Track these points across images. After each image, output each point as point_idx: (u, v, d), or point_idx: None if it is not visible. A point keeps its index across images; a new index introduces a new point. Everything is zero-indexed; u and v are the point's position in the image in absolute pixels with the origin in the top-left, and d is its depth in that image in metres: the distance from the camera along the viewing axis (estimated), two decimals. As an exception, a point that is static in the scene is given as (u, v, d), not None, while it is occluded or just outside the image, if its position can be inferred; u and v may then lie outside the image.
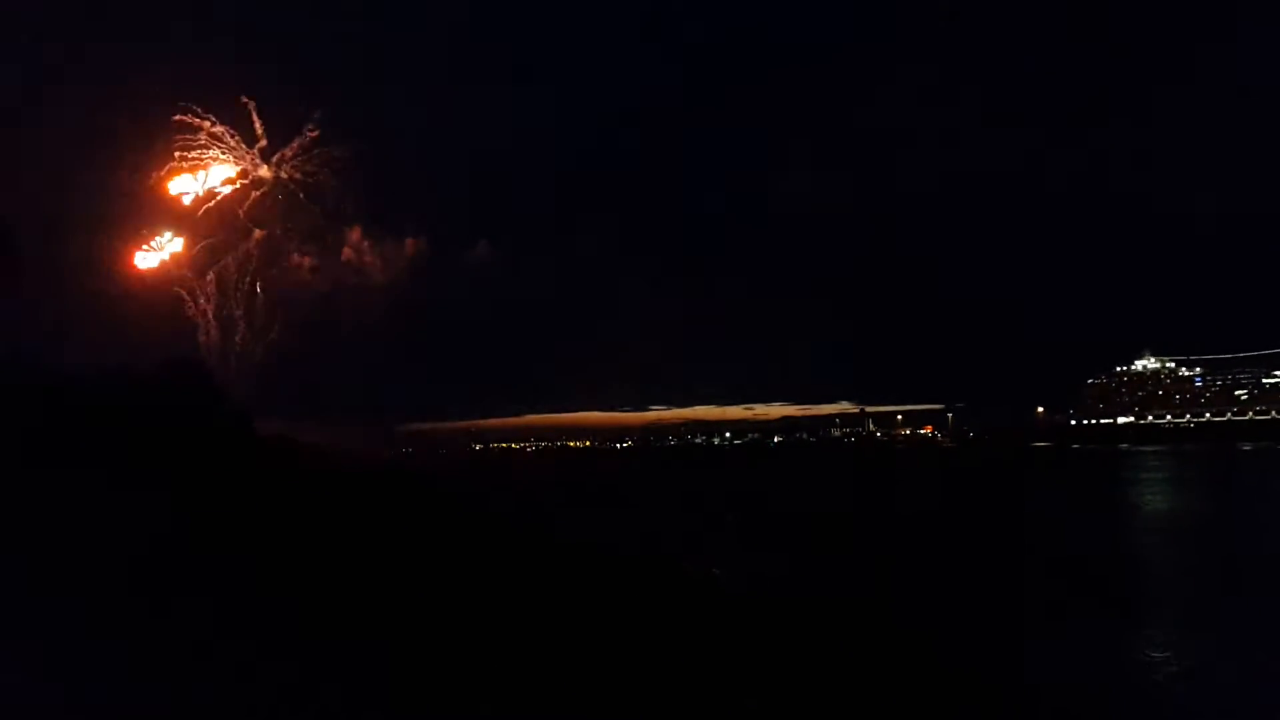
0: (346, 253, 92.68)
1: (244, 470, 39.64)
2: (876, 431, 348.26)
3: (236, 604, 20.91)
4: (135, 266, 78.68)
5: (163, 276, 79.50)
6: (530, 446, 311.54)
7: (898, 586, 36.99)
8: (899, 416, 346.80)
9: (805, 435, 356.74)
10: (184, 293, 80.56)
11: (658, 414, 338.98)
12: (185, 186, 77.99)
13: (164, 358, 53.40)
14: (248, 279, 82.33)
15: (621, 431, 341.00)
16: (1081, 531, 55.97)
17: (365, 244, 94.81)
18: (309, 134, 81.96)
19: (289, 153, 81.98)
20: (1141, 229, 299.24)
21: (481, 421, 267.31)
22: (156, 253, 78.25)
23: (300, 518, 33.40)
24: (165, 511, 27.40)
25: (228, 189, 79.48)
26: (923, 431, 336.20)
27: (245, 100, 79.76)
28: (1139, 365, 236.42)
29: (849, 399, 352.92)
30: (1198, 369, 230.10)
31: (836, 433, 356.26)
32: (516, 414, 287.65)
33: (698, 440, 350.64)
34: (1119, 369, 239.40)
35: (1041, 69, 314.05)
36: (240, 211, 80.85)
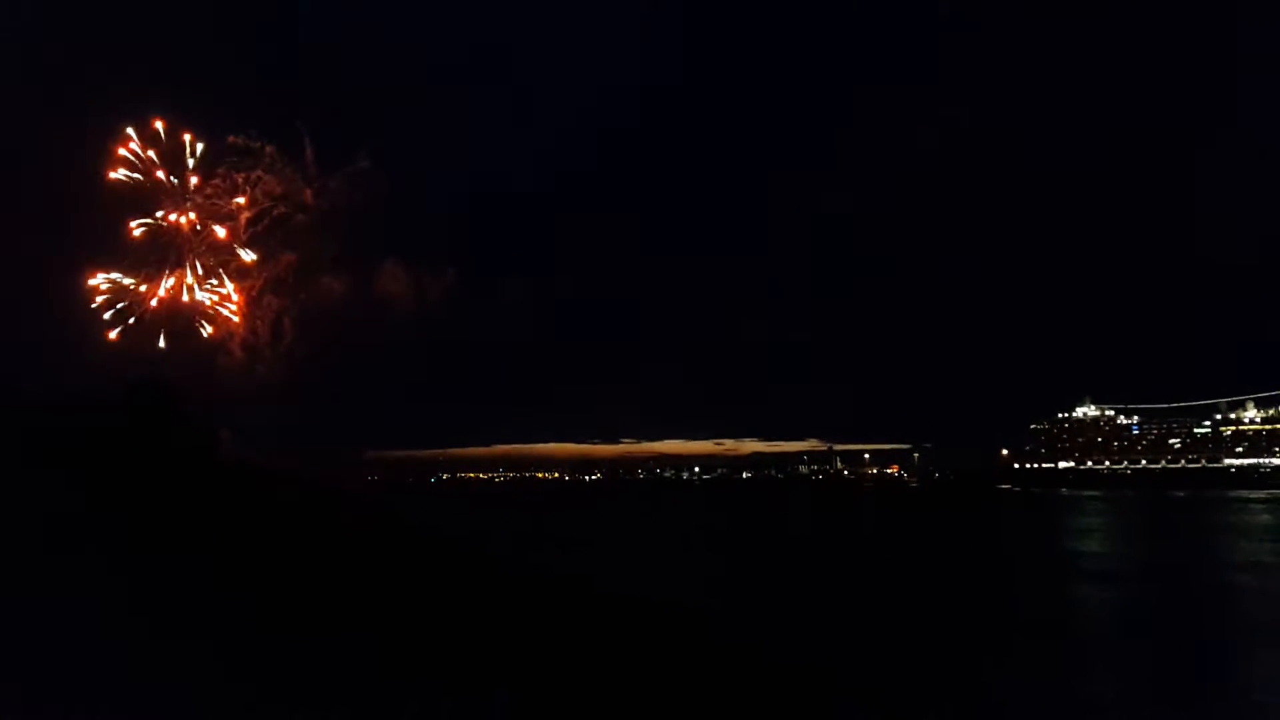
0: (381, 282, 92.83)
1: (199, 496, 39.00)
2: (844, 469, 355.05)
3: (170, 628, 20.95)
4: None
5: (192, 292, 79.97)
6: (499, 477, 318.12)
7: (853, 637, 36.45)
8: (866, 455, 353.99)
9: (774, 471, 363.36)
10: (212, 310, 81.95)
11: (627, 447, 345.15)
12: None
13: (131, 380, 56.54)
14: (276, 301, 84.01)
15: (591, 464, 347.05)
16: (1029, 580, 56.67)
17: (398, 273, 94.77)
18: (359, 163, 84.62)
19: (334, 180, 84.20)
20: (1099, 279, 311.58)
21: (450, 450, 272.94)
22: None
23: (248, 545, 32.63)
24: (105, 534, 27.45)
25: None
26: (889, 471, 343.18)
27: (299, 125, 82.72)
28: (1080, 412, 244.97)
29: (817, 436, 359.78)
30: (1135, 417, 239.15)
31: (804, 469, 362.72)
32: (486, 444, 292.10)
33: (667, 474, 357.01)
34: (1060, 415, 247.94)
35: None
36: (276, 234, 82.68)
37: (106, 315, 77.78)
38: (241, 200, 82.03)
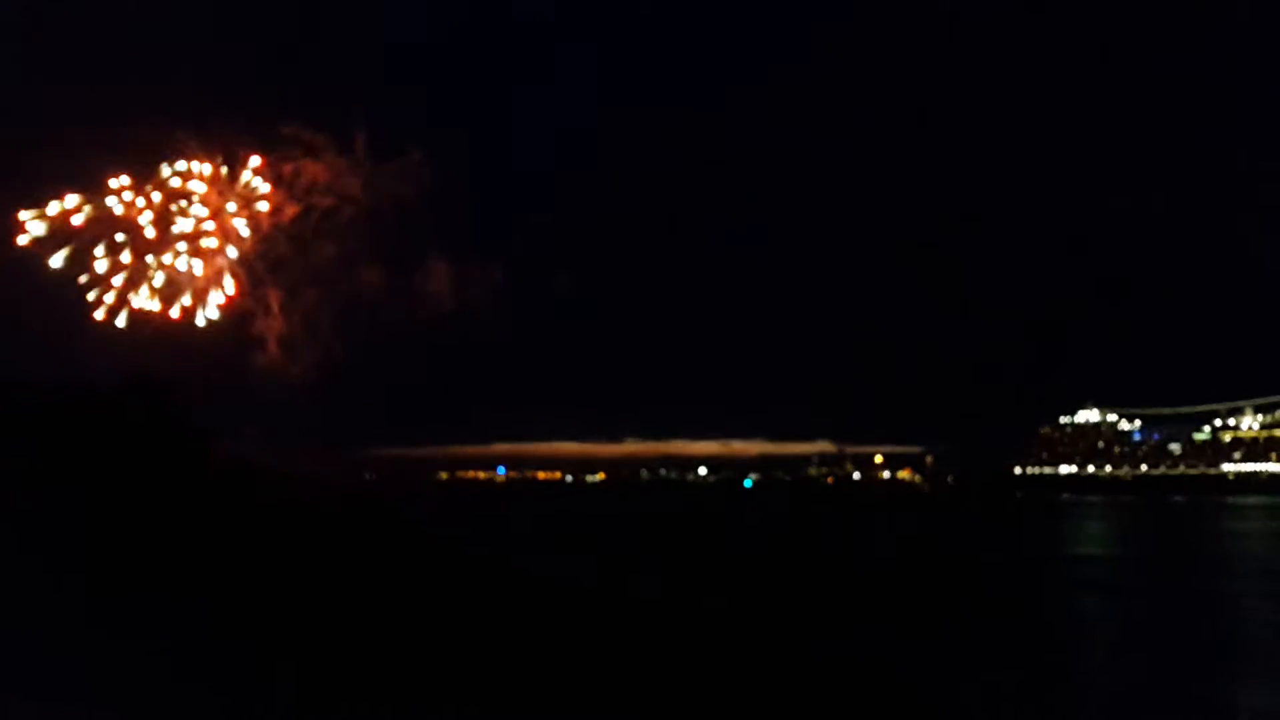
0: (425, 280, 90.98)
1: (193, 494, 39.03)
2: (854, 472, 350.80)
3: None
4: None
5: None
6: (500, 477, 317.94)
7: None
8: (878, 458, 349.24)
9: (782, 474, 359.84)
10: (250, 305, 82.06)
11: (631, 447, 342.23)
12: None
13: (126, 374, 57.95)
14: (314, 296, 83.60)
15: (593, 464, 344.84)
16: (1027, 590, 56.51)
17: (445, 271, 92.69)
18: (413, 155, 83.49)
19: (386, 171, 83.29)
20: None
21: (449, 449, 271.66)
22: None
23: (245, 545, 32.89)
24: (98, 532, 27.62)
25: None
26: (901, 475, 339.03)
27: (353, 115, 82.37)
28: (1082, 417, 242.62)
29: (828, 438, 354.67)
30: (1137, 422, 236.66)
31: (814, 472, 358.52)
32: (486, 442, 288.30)
33: (672, 476, 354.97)
34: (1063, 420, 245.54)
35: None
36: (318, 227, 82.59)
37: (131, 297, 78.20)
38: (284, 190, 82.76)
